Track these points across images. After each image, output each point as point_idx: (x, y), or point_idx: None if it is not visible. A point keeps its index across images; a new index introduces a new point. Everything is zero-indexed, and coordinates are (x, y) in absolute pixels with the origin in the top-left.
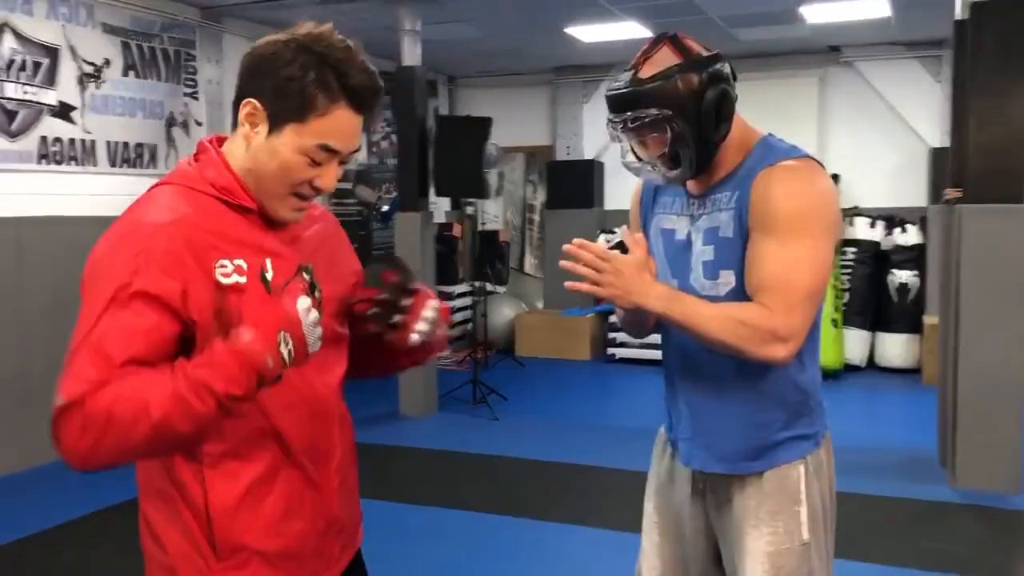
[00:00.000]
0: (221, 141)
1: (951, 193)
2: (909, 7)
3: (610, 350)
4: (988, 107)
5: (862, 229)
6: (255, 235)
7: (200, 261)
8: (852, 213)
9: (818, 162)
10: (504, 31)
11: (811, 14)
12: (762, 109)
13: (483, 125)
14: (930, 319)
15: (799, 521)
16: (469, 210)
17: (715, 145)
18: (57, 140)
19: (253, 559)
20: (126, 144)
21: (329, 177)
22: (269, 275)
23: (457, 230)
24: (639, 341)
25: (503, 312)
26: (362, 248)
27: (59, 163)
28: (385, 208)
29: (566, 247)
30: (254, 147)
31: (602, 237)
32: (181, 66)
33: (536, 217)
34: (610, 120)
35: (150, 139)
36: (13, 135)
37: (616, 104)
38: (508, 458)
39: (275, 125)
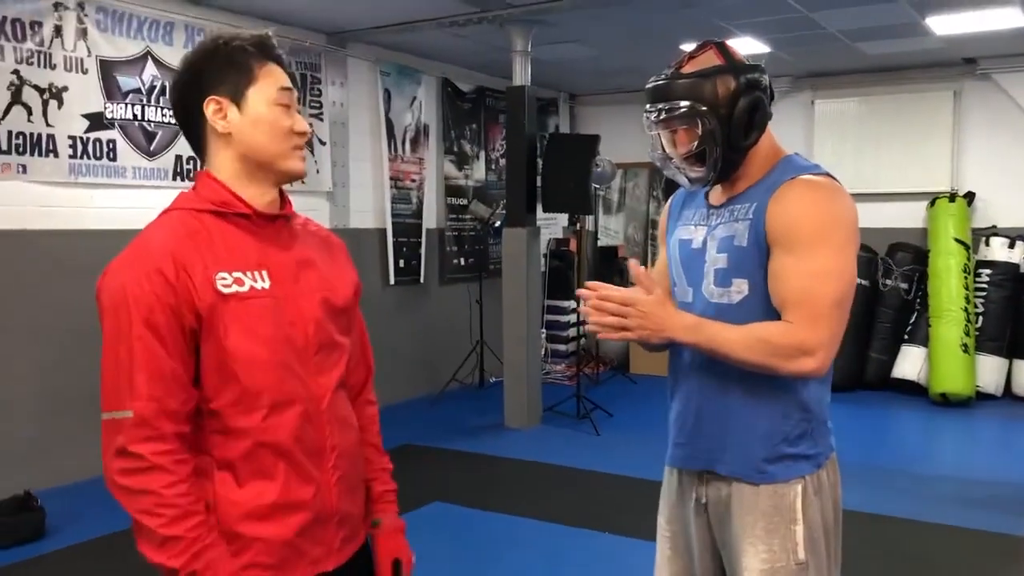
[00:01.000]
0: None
1: None
2: None
3: None
4: None
5: (999, 250)
6: (252, 246)
7: (204, 274)
8: (989, 233)
9: (837, 180)
10: (619, 50)
11: (939, 25)
12: (894, 124)
13: (591, 142)
14: None
15: (795, 540)
16: (588, 226)
17: (742, 151)
18: (191, 159)
19: (253, 545)
20: None
21: (301, 121)
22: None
23: (574, 245)
24: None
25: None
26: (479, 261)
27: (192, 180)
28: (498, 223)
29: (580, 292)
30: (237, 131)
31: None
32: (308, 88)
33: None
34: (645, 111)
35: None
36: (152, 154)
37: (653, 95)
38: (600, 473)
39: (239, 99)
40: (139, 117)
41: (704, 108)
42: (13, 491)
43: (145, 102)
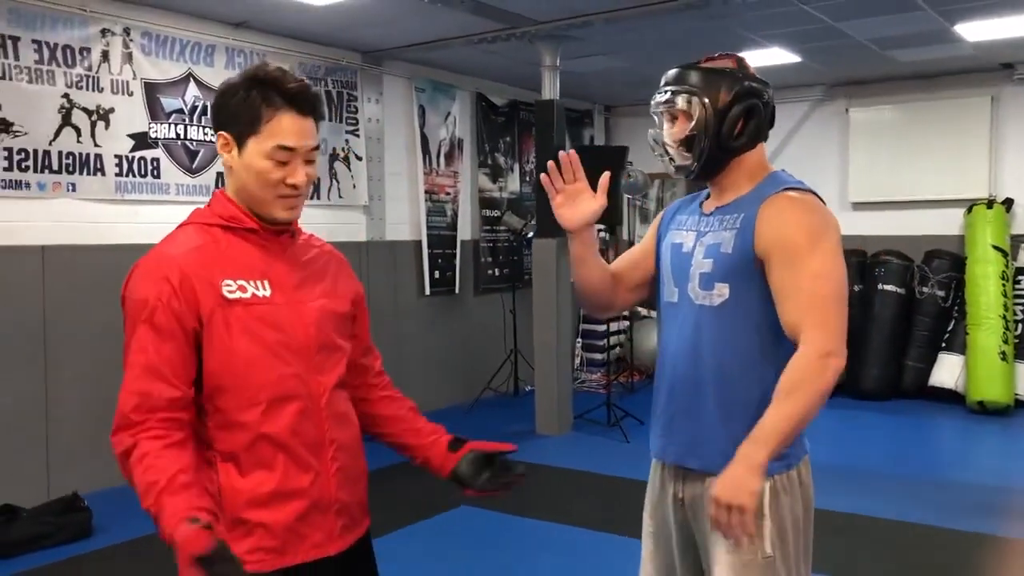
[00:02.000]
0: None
1: None
2: None
3: None
4: None
5: None
6: (256, 257)
7: (207, 279)
8: None
9: (819, 196)
10: (648, 62)
11: (970, 32)
12: (930, 131)
13: (619, 154)
14: None
15: (763, 535)
16: (624, 235)
17: (729, 151)
18: None
19: (256, 530)
20: None
21: (299, 173)
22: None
23: (611, 256)
24: None
25: (654, 338)
26: (513, 271)
27: None
28: (531, 234)
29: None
30: (235, 170)
31: None
32: (344, 105)
33: None
34: (655, 95)
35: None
36: (193, 172)
37: (666, 78)
38: (627, 479)
39: (241, 144)
40: (181, 136)
41: (705, 99)
42: (63, 493)
43: (187, 122)
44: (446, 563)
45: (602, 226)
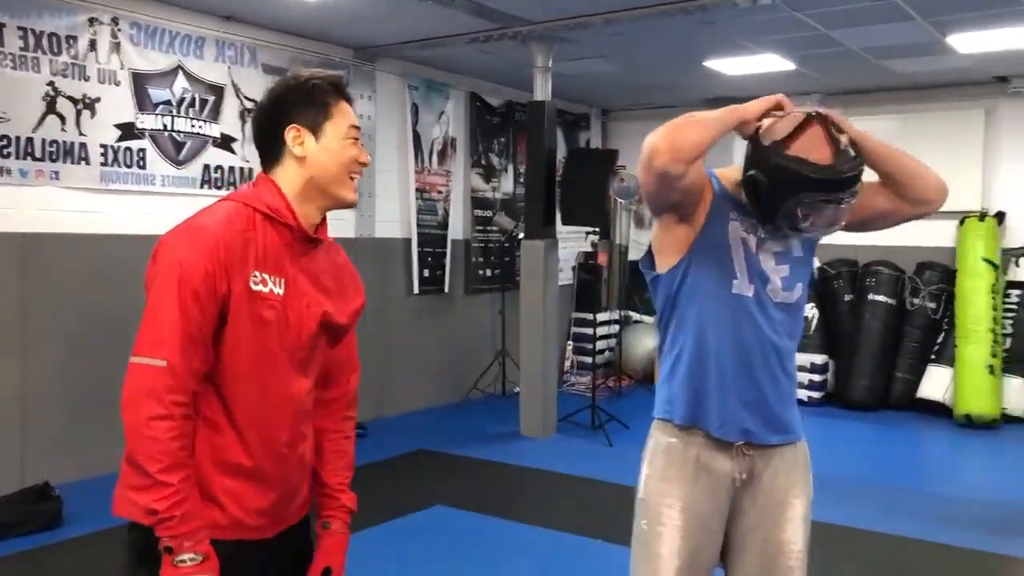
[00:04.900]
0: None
1: None
2: None
3: None
4: None
5: None
6: (283, 256)
7: (242, 264)
8: (1019, 253)
9: None
10: (643, 66)
11: (962, 44)
12: (924, 142)
13: (610, 157)
14: None
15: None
16: (619, 239)
17: None
18: (219, 168)
19: (230, 505)
20: None
21: (365, 154)
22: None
23: (603, 259)
24: None
25: (645, 342)
26: (505, 272)
27: (219, 188)
28: (521, 236)
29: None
30: (311, 157)
31: None
32: None
33: None
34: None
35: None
36: (180, 163)
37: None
38: (607, 483)
39: (317, 131)
40: (169, 127)
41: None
42: (36, 482)
43: (175, 113)
44: (419, 563)
45: (593, 229)
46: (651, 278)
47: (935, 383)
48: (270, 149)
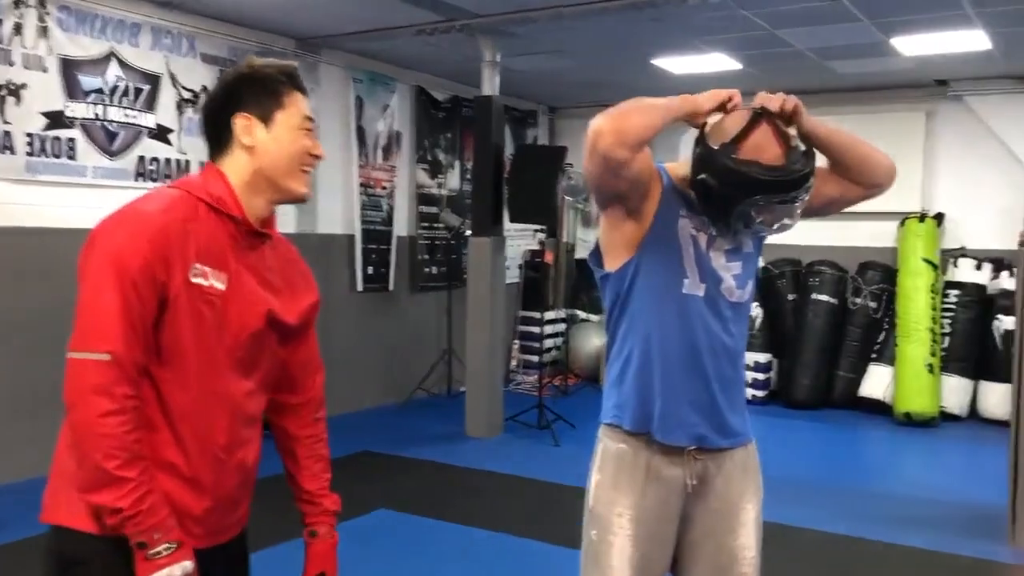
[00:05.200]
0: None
1: (1022, 235)
2: (1012, 41)
3: None
4: None
5: (967, 271)
6: (227, 249)
7: (182, 255)
8: (957, 254)
9: None
10: (592, 63)
11: (905, 47)
12: None
13: (558, 154)
14: None
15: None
16: (566, 237)
17: None
18: (154, 160)
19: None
20: None
21: (319, 146)
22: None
23: (549, 257)
24: None
25: (592, 341)
26: (452, 270)
27: (155, 180)
28: (468, 233)
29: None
30: (260, 147)
31: None
32: None
33: None
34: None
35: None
36: (113, 154)
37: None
38: (552, 483)
39: (268, 120)
40: (101, 117)
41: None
42: None
43: (108, 102)
44: (363, 569)
45: (540, 227)
46: (600, 276)
47: (876, 381)
48: (218, 138)
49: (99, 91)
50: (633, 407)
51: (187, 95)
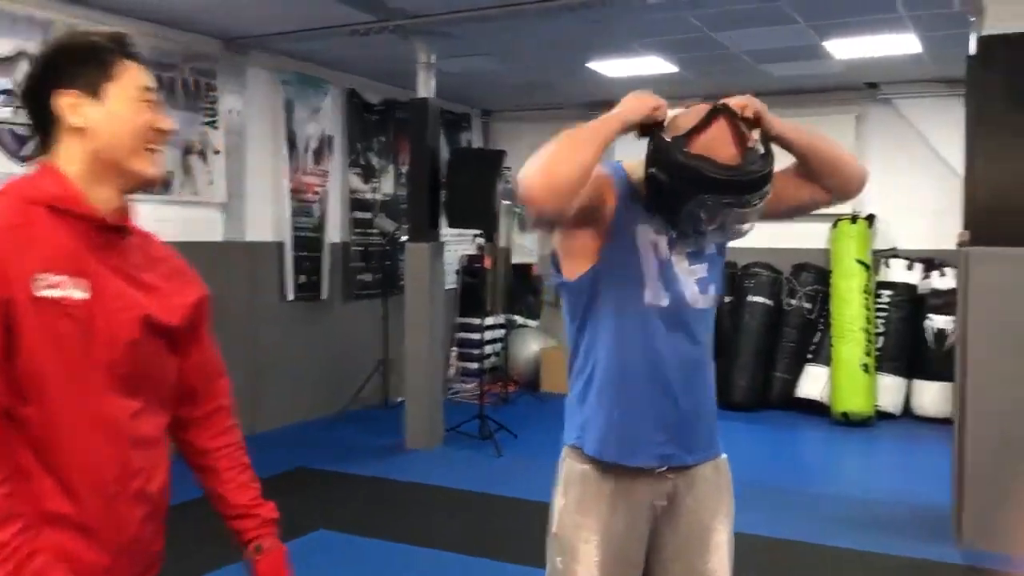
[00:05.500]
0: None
1: (961, 236)
2: (940, 44)
3: None
4: (997, 145)
5: (899, 271)
6: (79, 251)
7: (19, 269)
8: (889, 254)
9: None
10: (528, 65)
11: (838, 50)
12: None
13: (496, 158)
14: None
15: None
16: (502, 242)
17: None
18: None
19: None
20: None
21: (166, 119)
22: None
23: (488, 262)
24: None
25: (530, 347)
26: (387, 277)
27: None
28: (404, 238)
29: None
30: (92, 126)
31: None
32: (202, 95)
33: None
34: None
35: (166, 166)
36: (23, 159)
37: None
38: (496, 496)
39: (98, 95)
40: (9, 120)
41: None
42: None
43: (18, 104)
44: None
45: (477, 231)
46: (557, 283)
47: (812, 382)
48: (44, 125)
49: (7, 92)
50: (596, 427)
51: None
